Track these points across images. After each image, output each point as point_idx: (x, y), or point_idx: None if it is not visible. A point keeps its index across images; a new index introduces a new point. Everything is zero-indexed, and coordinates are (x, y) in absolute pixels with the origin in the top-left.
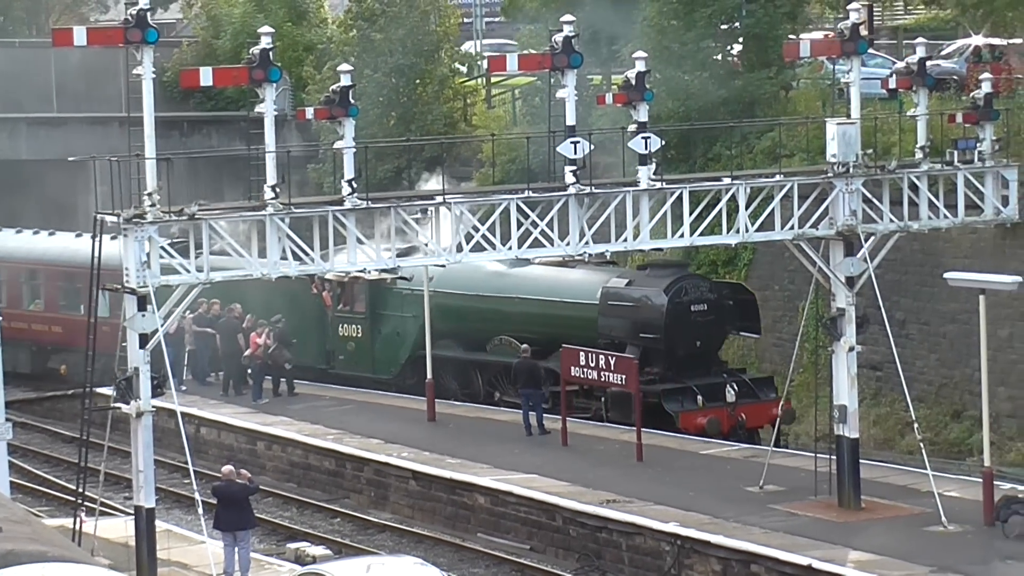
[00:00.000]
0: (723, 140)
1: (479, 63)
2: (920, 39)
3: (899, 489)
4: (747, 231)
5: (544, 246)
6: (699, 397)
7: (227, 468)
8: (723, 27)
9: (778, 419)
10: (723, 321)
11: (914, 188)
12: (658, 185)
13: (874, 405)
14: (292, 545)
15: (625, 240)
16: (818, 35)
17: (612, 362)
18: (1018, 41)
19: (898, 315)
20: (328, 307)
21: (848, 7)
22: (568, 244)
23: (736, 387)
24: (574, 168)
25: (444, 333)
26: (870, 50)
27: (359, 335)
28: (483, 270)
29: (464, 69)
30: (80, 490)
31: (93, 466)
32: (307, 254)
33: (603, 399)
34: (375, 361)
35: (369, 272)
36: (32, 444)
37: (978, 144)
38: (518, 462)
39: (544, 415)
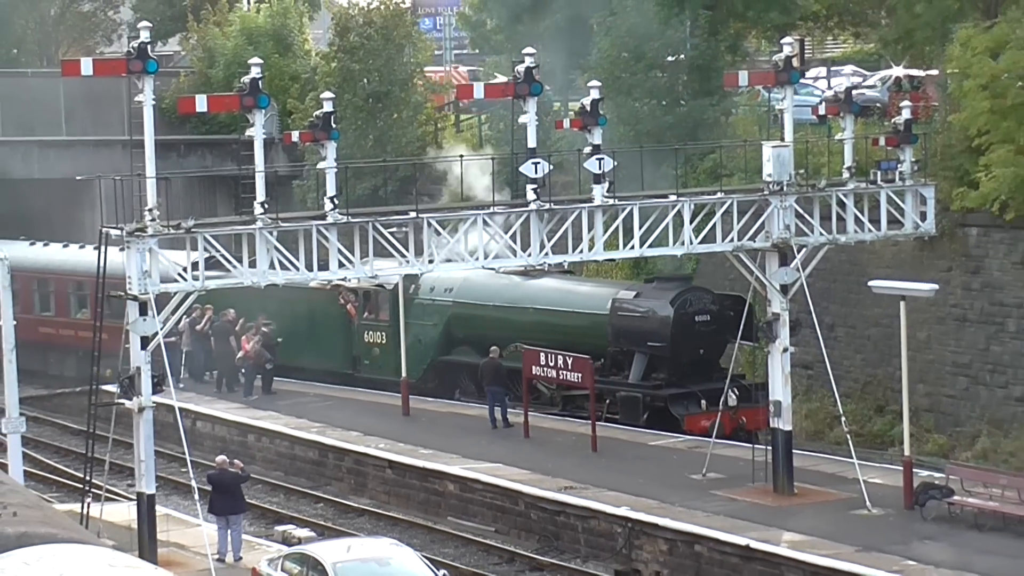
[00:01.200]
0: (669, 161)
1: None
2: (847, 69)
3: (828, 476)
4: (691, 243)
5: (508, 257)
6: (703, 401)
7: (220, 458)
8: (669, 59)
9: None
10: (724, 330)
11: (842, 204)
12: (611, 202)
13: (806, 400)
14: (279, 528)
15: (581, 251)
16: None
17: (570, 362)
18: (934, 72)
19: (827, 319)
20: (352, 317)
21: (782, 41)
22: (530, 255)
23: (737, 392)
24: (535, 186)
25: (463, 340)
26: (802, 79)
27: (383, 342)
28: (499, 282)
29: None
30: (87, 478)
31: (99, 456)
32: (293, 264)
33: (609, 403)
34: (398, 366)
35: (349, 280)
36: (43, 437)
37: (899, 165)
38: (484, 452)
39: (508, 410)
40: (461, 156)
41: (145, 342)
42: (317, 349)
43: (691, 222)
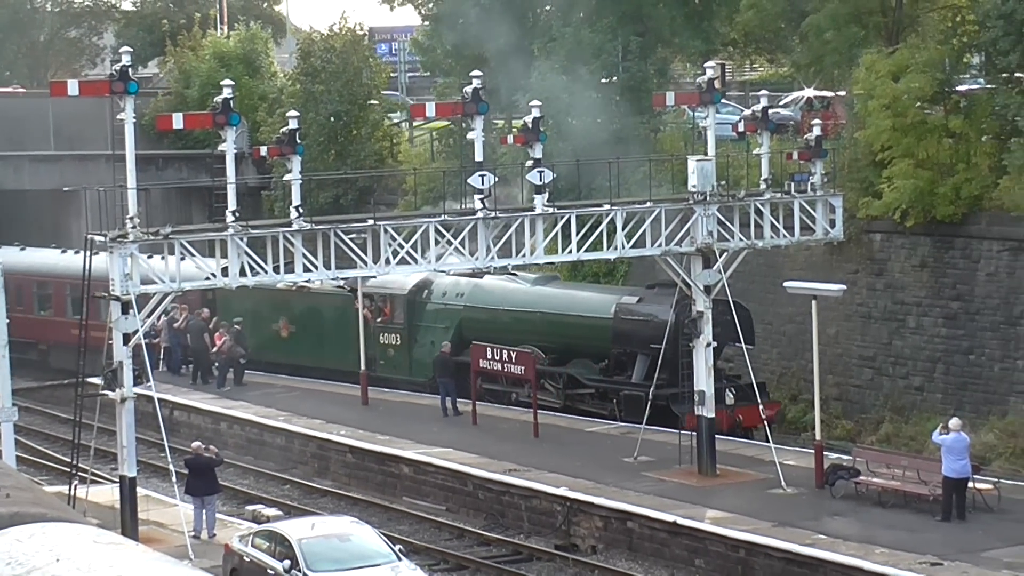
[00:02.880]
0: (603, 174)
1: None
2: (763, 91)
3: (747, 459)
4: (623, 248)
5: (458, 260)
6: None
7: (196, 444)
8: (604, 81)
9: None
10: (722, 333)
11: (759, 213)
12: (551, 210)
13: None
14: (250, 507)
15: (524, 256)
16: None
17: (514, 356)
18: (842, 93)
19: None
20: (369, 321)
21: (705, 65)
22: (477, 259)
23: (734, 391)
24: (482, 196)
25: (475, 341)
26: (723, 100)
27: (397, 343)
28: (508, 287)
29: (396, 115)
30: (74, 462)
31: (85, 443)
32: (262, 267)
33: (616, 401)
34: (411, 366)
35: (313, 283)
36: (34, 425)
37: (810, 177)
38: (436, 438)
39: (457, 399)
40: (415, 169)
41: (127, 339)
42: (335, 350)
43: (623, 229)
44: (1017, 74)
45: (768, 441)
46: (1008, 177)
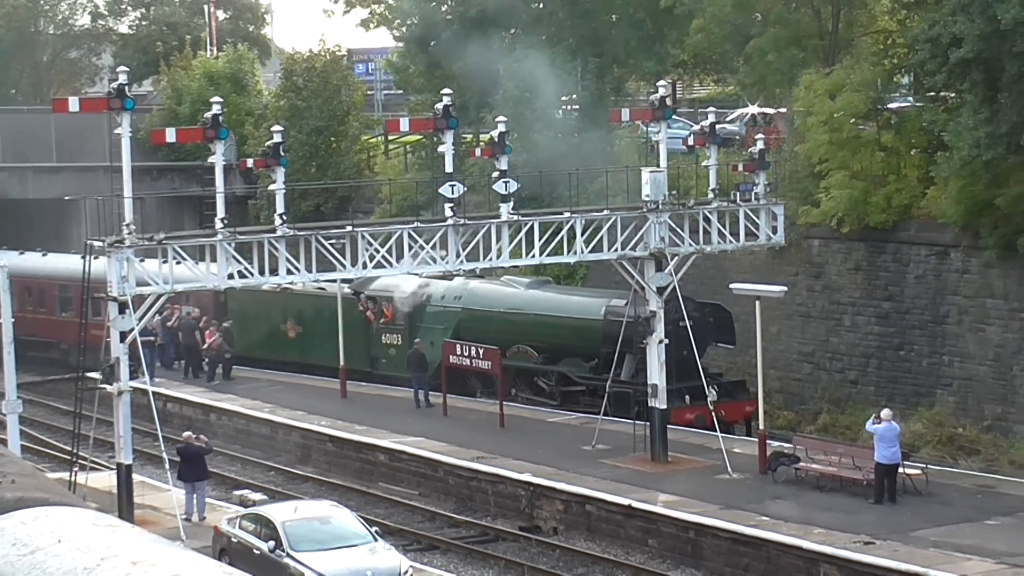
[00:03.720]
0: (564, 184)
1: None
2: (711, 108)
3: (696, 447)
4: (582, 252)
5: (430, 264)
6: (686, 397)
7: (187, 433)
8: (564, 98)
9: (751, 415)
10: (705, 334)
11: (707, 220)
12: (515, 218)
13: None
14: (237, 492)
15: (491, 259)
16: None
17: (481, 352)
18: (783, 110)
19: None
20: (371, 322)
21: (657, 84)
22: (448, 262)
23: (716, 388)
24: (452, 205)
25: (472, 341)
26: (674, 116)
27: (399, 343)
28: (503, 291)
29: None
30: (75, 451)
31: (84, 432)
32: (249, 271)
33: (605, 398)
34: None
35: (296, 285)
36: (37, 416)
37: (754, 187)
38: (410, 428)
39: (429, 392)
40: (390, 179)
41: (123, 336)
42: (339, 349)
43: (582, 235)
44: (942, 93)
45: (750, 435)
46: (935, 188)
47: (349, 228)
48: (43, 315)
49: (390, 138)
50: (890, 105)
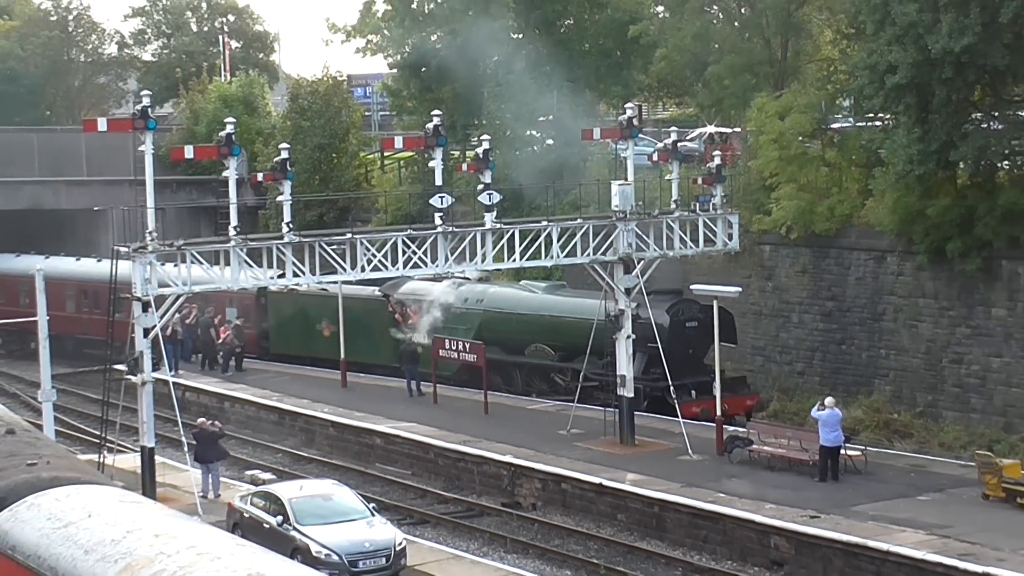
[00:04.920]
0: (541, 195)
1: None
2: (673, 128)
3: (660, 431)
4: (558, 257)
5: (421, 267)
6: (692, 391)
7: (202, 420)
8: (541, 119)
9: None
10: (709, 334)
11: (670, 228)
12: (498, 226)
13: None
14: (248, 472)
15: (476, 263)
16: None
17: (467, 346)
18: (738, 129)
19: None
20: (400, 322)
21: (625, 106)
22: (437, 265)
23: (721, 384)
24: (441, 214)
25: (492, 341)
26: (640, 135)
27: (425, 342)
28: (522, 295)
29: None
30: (103, 435)
31: (112, 419)
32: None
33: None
34: (440, 362)
35: (300, 286)
36: (70, 404)
37: (712, 199)
38: (403, 415)
39: (421, 383)
40: (385, 191)
41: (146, 332)
42: (371, 347)
43: (558, 241)
44: (879, 115)
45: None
46: (873, 199)
47: (349, 235)
48: (97, 316)
49: (385, 154)
50: (833, 125)
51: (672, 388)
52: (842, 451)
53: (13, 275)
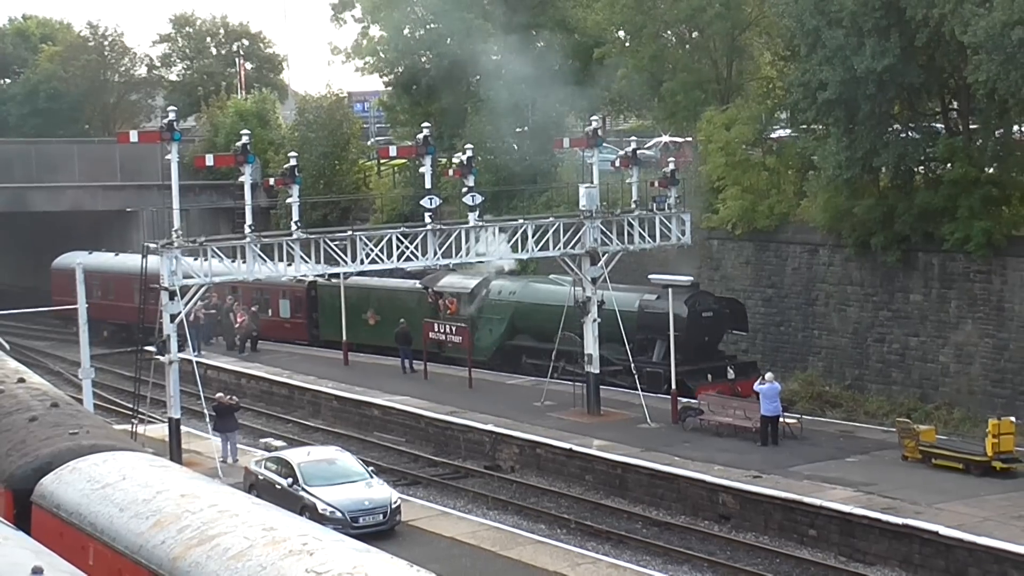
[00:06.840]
0: (518, 197)
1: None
2: (633, 137)
3: (623, 403)
4: (533, 251)
5: (413, 260)
6: (708, 375)
7: (220, 394)
8: (518, 129)
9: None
10: (723, 323)
11: (631, 225)
12: (480, 224)
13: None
14: (263, 440)
15: (461, 256)
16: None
17: (454, 328)
18: (690, 139)
19: None
20: (440, 311)
21: (590, 118)
22: (427, 258)
23: (734, 367)
24: (430, 213)
25: (524, 329)
26: (604, 144)
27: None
28: (551, 288)
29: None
30: (135, 408)
31: (143, 393)
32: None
33: (637, 376)
34: (475, 348)
35: (306, 277)
36: (106, 380)
37: (667, 200)
38: (398, 389)
39: (414, 361)
40: (381, 194)
41: (173, 318)
42: (413, 335)
43: (533, 237)
44: (812, 126)
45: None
46: (807, 199)
47: (350, 232)
48: (113, 301)
49: (382, 162)
50: (772, 135)
51: (688, 373)
52: (781, 419)
53: (114, 272)
